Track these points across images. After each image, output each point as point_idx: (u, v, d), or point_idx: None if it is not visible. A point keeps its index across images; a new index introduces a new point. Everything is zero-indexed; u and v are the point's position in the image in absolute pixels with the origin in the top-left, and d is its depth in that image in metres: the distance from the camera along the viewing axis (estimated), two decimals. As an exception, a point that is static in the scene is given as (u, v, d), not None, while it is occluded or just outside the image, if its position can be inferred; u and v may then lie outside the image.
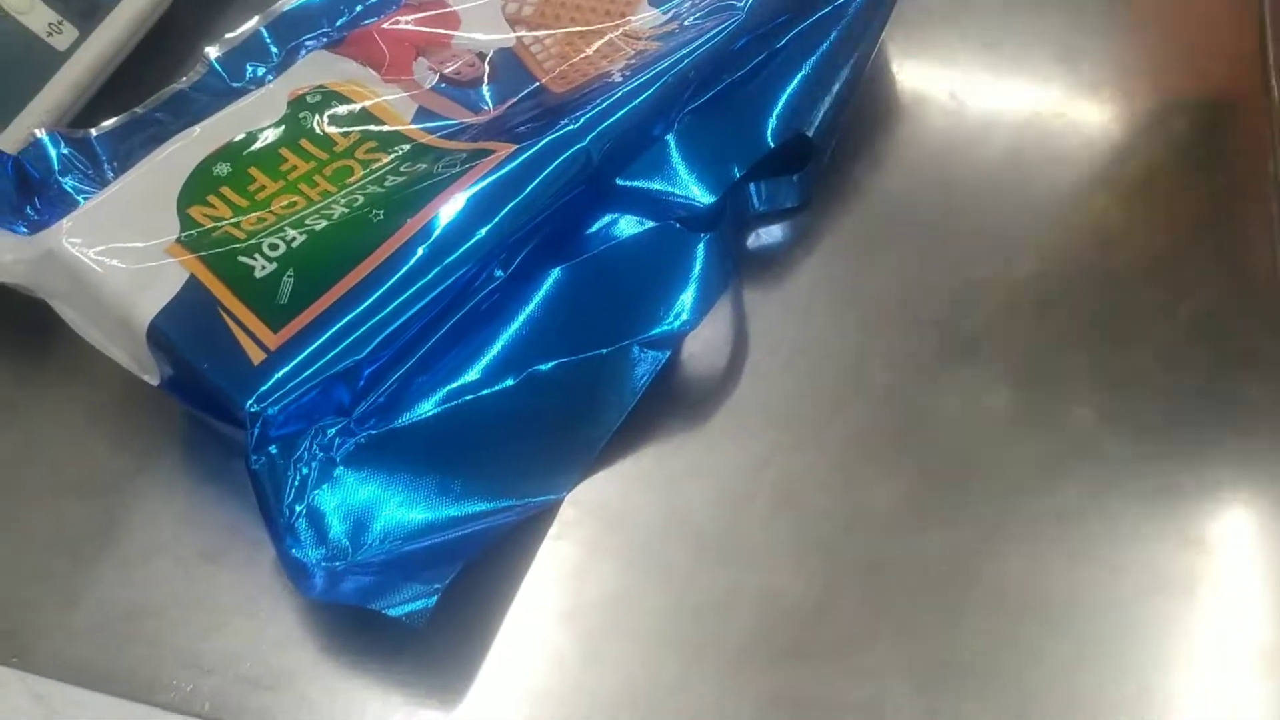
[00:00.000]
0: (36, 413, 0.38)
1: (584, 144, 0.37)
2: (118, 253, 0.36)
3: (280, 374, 0.33)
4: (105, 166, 0.42)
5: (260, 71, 0.45)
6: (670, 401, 0.37)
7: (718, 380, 0.37)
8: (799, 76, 0.41)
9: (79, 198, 0.40)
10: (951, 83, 0.46)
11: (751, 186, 0.40)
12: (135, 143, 0.42)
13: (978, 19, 0.48)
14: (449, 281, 0.35)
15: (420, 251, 0.35)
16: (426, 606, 0.30)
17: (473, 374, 0.36)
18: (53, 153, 0.41)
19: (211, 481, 0.36)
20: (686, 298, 0.37)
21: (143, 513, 0.35)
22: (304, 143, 0.39)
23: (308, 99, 0.40)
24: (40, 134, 0.41)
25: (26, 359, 0.39)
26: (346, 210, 0.36)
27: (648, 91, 0.38)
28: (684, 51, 0.39)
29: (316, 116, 0.40)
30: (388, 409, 0.35)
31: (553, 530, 0.34)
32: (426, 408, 0.35)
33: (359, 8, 0.46)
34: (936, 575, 0.33)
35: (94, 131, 0.42)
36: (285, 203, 0.37)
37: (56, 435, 0.37)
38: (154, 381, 0.35)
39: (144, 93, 0.44)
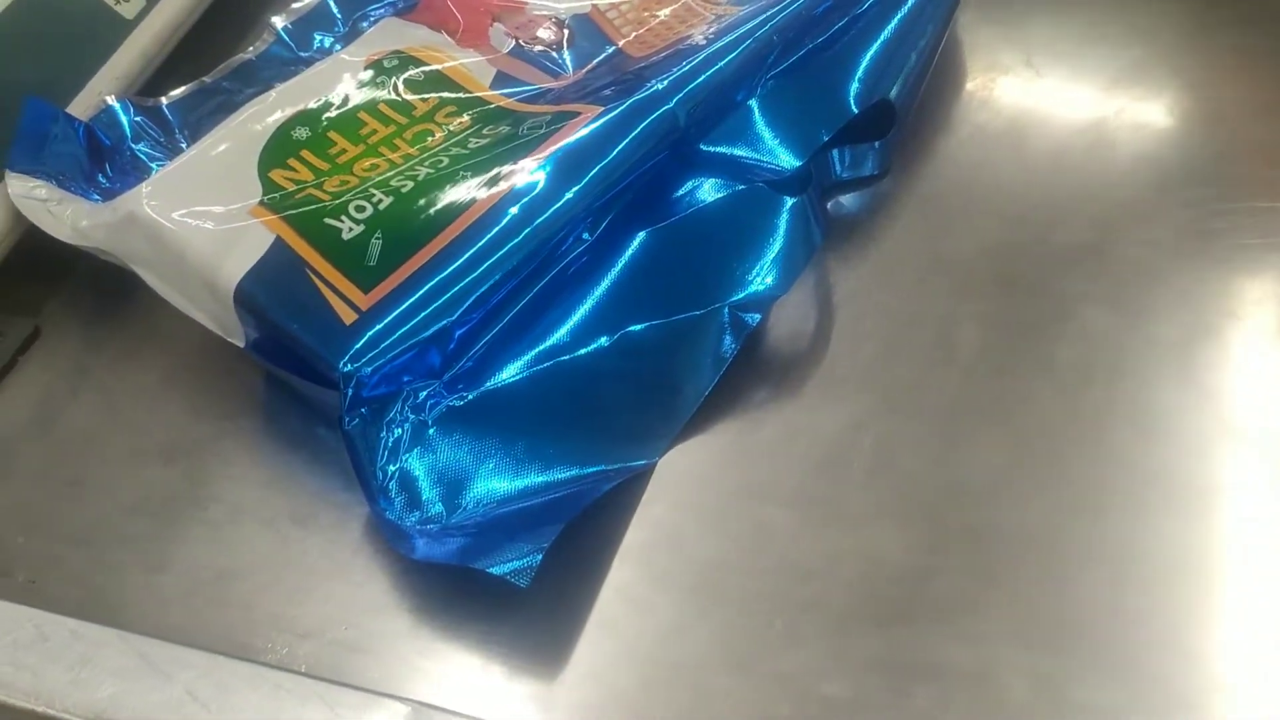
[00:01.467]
0: (113, 378, 0.37)
1: (671, 105, 0.36)
2: (200, 215, 0.35)
3: (373, 334, 0.32)
4: (177, 134, 0.41)
5: (327, 41, 0.44)
6: (760, 367, 0.36)
7: (807, 346, 0.37)
8: (879, 41, 0.40)
9: (152, 165, 0.40)
10: (1028, 50, 0.46)
11: (834, 153, 0.40)
12: (205, 111, 0.42)
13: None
14: (539, 242, 0.34)
15: (511, 213, 0.34)
16: (532, 564, 0.29)
17: (563, 336, 0.35)
18: (124, 120, 0.41)
19: (295, 447, 0.35)
20: (776, 261, 0.36)
21: (227, 477, 0.34)
22: (383, 107, 0.38)
23: (384, 64, 0.40)
24: (111, 101, 0.41)
25: (100, 325, 0.39)
26: (431, 172, 0.36)
27: (732, 54, 0.37)
28: (767, 15, 0.38)
29: (394, 81, 0.39)
30: (478, 372, 0.34)
31: (647, 494, 0.33)
32: (517, 371, 0.34)
33: (425, -23, 0.46)
34: (1040, 538, 0.32)
35: (165, 100, 0.42)
36: (367, 165, 0.37)
37: (135, 401, 0.37)
38: (239, 343, 0.34)
39: (209, 62, 0.44)
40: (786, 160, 0.38)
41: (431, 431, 0.33)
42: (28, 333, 0.38)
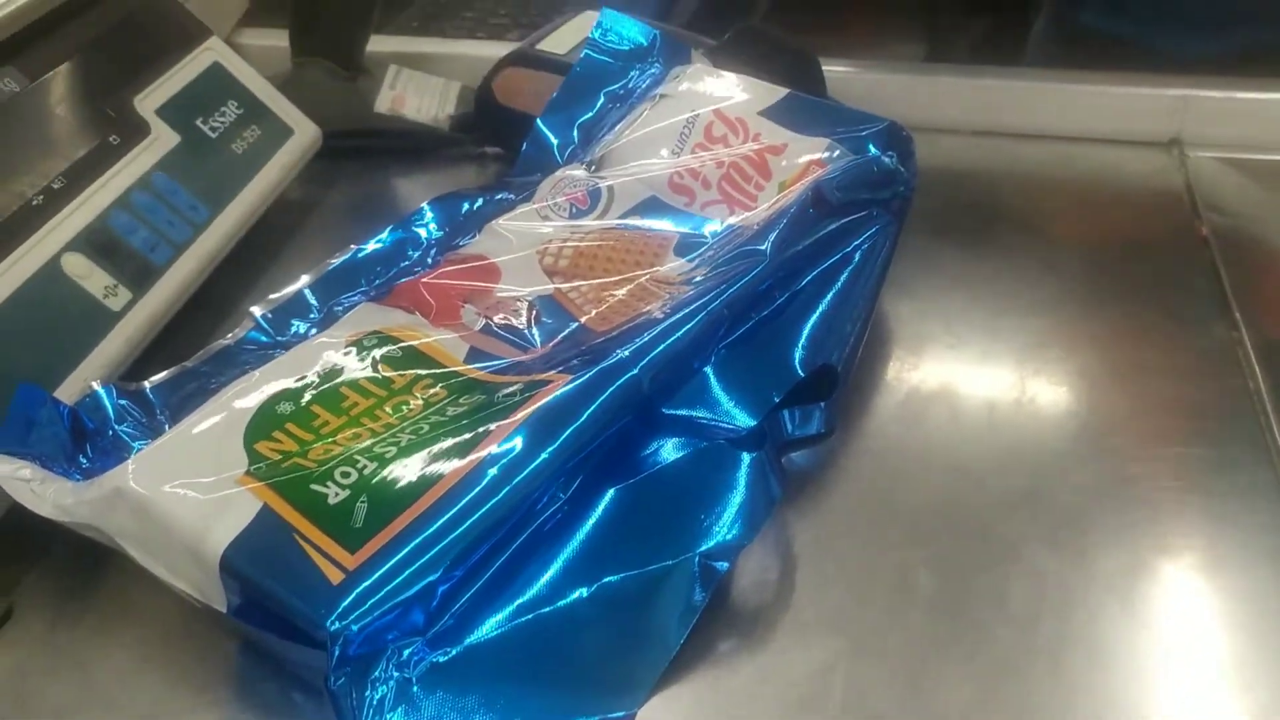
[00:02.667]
0: (89, 654, 0.37)
1: (635, 372, 0.39)
2: (187, 486, 0.36)
3: (359, 592, 0.33)
4: (158, 415, 0.43)
5: (303, 328, 0.47)
6: (730, 614, 0.37)
7: (773, 593, 0.38)
8: (818, 313, 0.44)
9: (134, 444, 0.41)
10: (947, 321, 0.50)
11: (785, 413, 0.43)
12: (185, 393, 0.44)
13: (961, 259, 0.54)
14: (517, 501, 0.36)
15: (490, 474, 0.36)
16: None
17: (542, 589, 0.36)
18: (108, 404, 0.42)
19: (271, 715, 0.35)
20: (740, 513, 0.38)
21: (205, 749, 0.34)
22: (363, 382, 0.41)
23: (364, 342, 0.43)
24: (96, 387, 0.43)
25: (75, 601, 0.39)
26: (413, 438, 0.38)
27: (689, 325, 0.41)
28: (717, 291, 0.43)
29: (373, 357, 0.42)
30: (460, 629, 0.35)
31: (629, 744, 0.34)
32: (498, 625, 0.35)
33: (394, 270, 0.50)
34: (1017, 772, 0.33)
35: (147, 384, 0.44)
36: (350, 435, 0.39)
37: (110, 676, 0.36)
38: (222, 609, 0.35)
39: (188, 346, 0.46)
40: (742, 420, 0.41)
41: (415, 689, 0.33)
42: (1, 611, 0.38)
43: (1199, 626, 0.37)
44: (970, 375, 0.48)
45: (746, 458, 0.39)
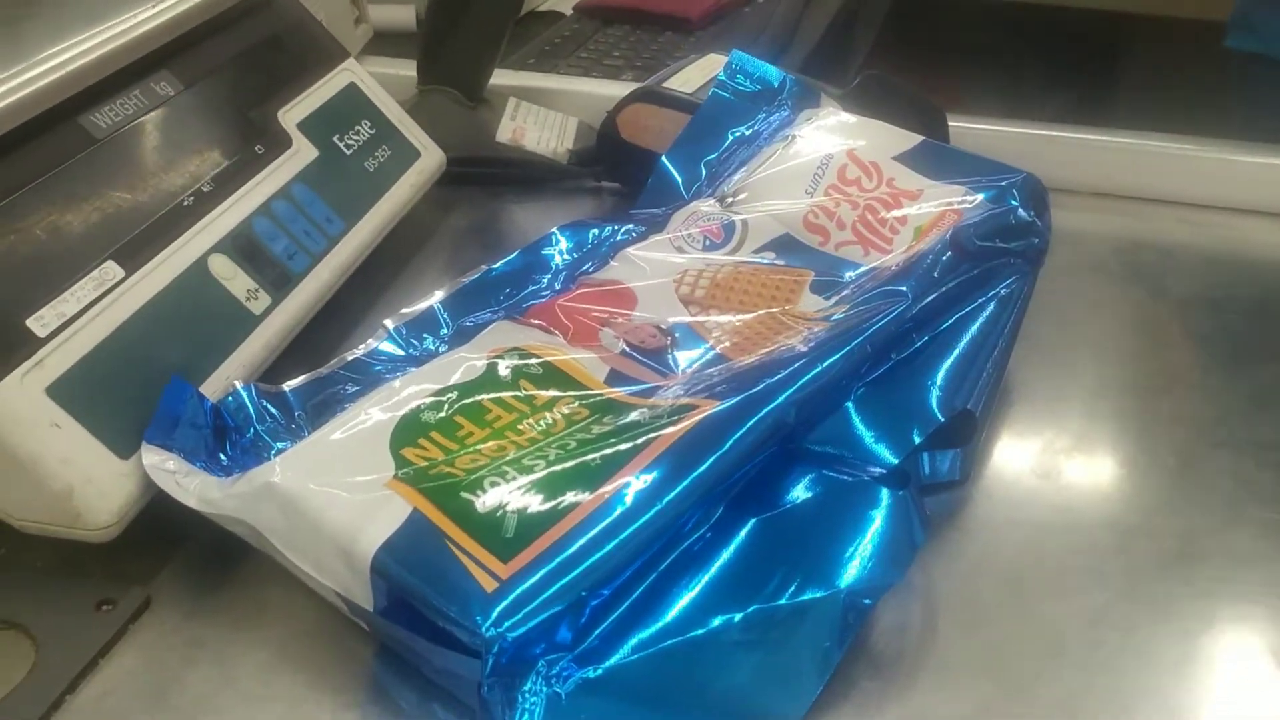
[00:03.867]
0: (226, 649, 0.37)
1: (781, 402, 0.39)
2: (338, 485, 0.36)
3: (514, 599, 0.33)
4: (296, 418, 0.43)
5: (433, 343, 0.47)
6: (872, 656, 0.37)
7: (915, 637, 0.38)
8: (955, 356, 0.44)
9: (275, 444, 0.42)
10: (1082, 378, 0.50)
11: (925, 455, 0.42)
12: (322, 399, 0.44)
13: (1090, 318, 0.53)
14: (663, 524, 0.35)
15: (638, 494, 0.36)
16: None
17: (685, 616, 0.35)
18: (250, 404, 0.43)
19: (409, 723, 0.35)
20: (884, 550, 0.37)
21: (347, 751, 0.34)
22: (505, 396, 0.41)
23: (504, 358, 0.43)
24: (238, 386, 0.43)
25: (210, 596, 0.39)
26: (561, 453, 0.37)
27: (832, 358, 0.41)
28: (859, 328, 0.42)
29: (514, 373, 0.42)
30: (604, 649, 0.34)
31: (774, 781, 0.33)
32: (643, 648, 0.35)
33: (523, 291, 0.50)
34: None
35: (287, 386, 0.44)
36: (494, 447, 0.38)
37: (249, 671, 0.36)
38: (368, 608, 0.35)
39: (316, 354, 0.47)
40: (884, 457, 0.40)
41: (565, 703, 0.33)
42: (140, 602, 0.38)
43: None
44: (1110, 433, 0.47)
45: (888, 495, 0.38)
